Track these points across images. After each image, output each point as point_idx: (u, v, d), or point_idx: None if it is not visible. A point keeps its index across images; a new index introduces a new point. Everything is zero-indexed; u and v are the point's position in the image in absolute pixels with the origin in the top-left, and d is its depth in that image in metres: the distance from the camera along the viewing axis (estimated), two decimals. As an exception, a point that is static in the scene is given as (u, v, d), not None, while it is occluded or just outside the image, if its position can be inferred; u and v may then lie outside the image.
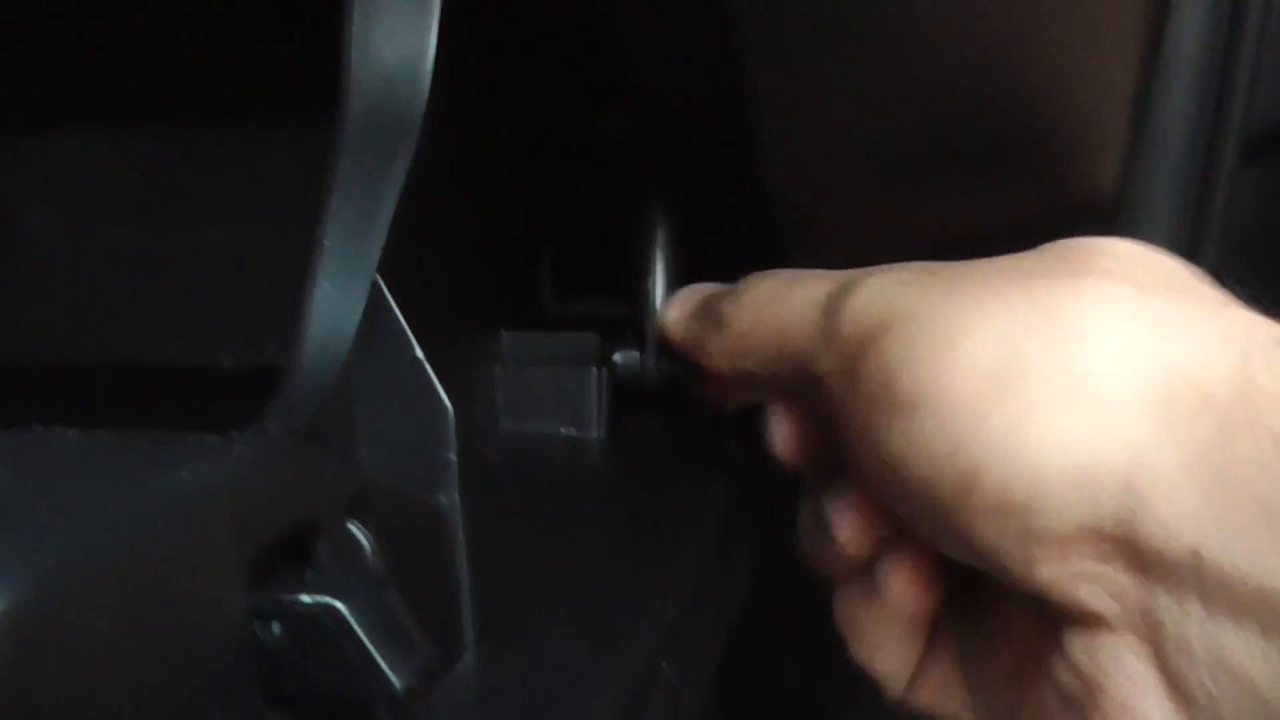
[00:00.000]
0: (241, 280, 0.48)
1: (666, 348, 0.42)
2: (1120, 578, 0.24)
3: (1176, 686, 0.23)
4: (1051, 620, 0.26)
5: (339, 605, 0.18)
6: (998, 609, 0.30)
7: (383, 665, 0.18)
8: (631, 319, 0.43)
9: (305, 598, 0.18)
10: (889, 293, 0.30)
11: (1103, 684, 0.25)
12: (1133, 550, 0.23)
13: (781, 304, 0.33)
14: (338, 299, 0.23)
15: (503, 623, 0.27)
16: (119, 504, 0.16)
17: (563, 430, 0.41)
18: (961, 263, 0.30)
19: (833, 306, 0.31)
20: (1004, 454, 0.24)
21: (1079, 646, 0.25)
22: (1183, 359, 0.24)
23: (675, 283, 0.42)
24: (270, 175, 0.47)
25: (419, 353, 0.25)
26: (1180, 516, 0.22)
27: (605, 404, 0.41)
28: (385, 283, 0.25)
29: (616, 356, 0.42)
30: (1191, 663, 0.23)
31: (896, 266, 0.31)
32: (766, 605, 0.42)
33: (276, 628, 0.18)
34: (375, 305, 0.24)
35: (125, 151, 0.49)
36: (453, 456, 0.25)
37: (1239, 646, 0.22)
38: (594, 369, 0.41)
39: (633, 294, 0.43)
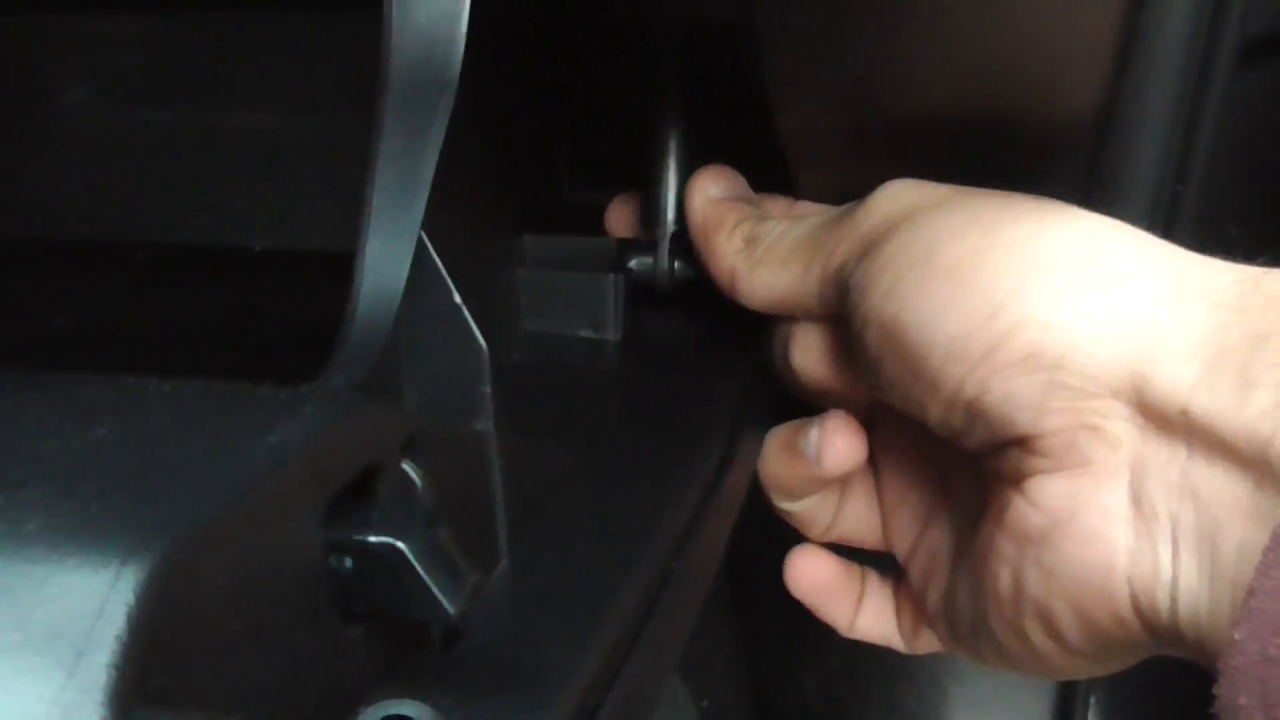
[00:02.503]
0: (273, 163, 0.50)
1: (679, 252, 0.45)
2: (1119, 428, 0.29)
3: (1142, 512, 0.29)
4: (1000, 477, 0.32)
5: (400, 545, 0.21)
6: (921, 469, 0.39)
7: (437, 593, 0.22)
8: (645, 224, 0.46)
9: (371, 537, 0.22)
10: (911, 188, 0.35)
11: (1076, 514, 0.30)
12: (1137, 405, 0.29)
13: (800, 219, 0.38)
14: (387, 256, 0.26)
15: (529, 531, 0.30)
16: (223, 470, 0.19)
17: (581, 333, 0.44)
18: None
19: (853, 205, 0.36)
20: (1045, 317, 0.29)
21: (1050, 489, 0.30)
22: (1194, 270, 0.30)
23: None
24: (301, 59, 0.48)
25: (458, 299, 0.28)
26: (1177, 382, 0.28)
27: (621, 308, 0.44)
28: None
29: (632, 263, 0.44)
30: (1166, 492, 0.28)
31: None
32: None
33: (348, 562, 0.22)
34: (418, 255, 0.27)
35: (160, 33, 0.50)
36: (487, 389, 0.28)
37: (1207, 478, 0.28)
38: (611, 275, 0.44)
39: (646, 201, 0.46)
